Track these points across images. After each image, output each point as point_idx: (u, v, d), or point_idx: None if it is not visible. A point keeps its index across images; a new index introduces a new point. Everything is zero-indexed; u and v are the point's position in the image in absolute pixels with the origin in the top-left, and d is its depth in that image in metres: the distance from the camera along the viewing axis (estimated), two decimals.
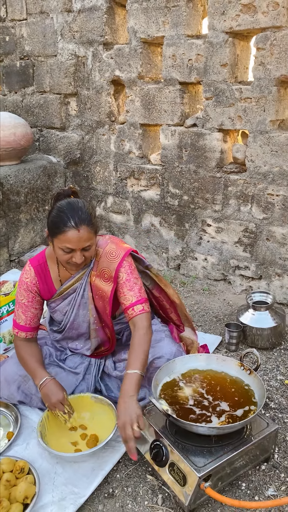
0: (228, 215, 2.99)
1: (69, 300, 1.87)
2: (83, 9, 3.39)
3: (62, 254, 1.66)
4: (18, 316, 1.86)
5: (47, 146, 3.96)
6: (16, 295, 1.87)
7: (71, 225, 1.61)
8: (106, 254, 1.81)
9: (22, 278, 1.84)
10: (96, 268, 1.82)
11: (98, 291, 1.83)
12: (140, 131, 3.32)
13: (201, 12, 2.98)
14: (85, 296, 1.85)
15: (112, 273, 1.78)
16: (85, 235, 1.63)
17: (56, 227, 1.64)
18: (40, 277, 1.84)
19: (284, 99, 2.70)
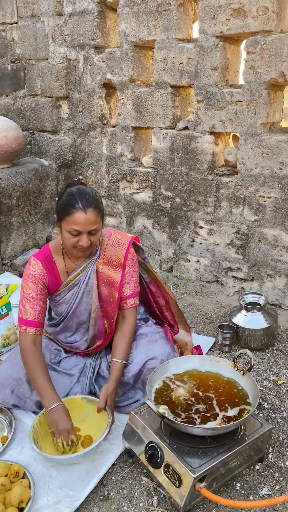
0: (220, 217, 3.01)
1: (75, 290, 1.89)
2: (74, 13, 3.40)
3: (69, 237, 1.72)
4: (25, 312, 1.81)
5: (39, 149, 3.96)
6: (22, 290, 1.85)
7: (79, 207, 1.68)
8: (112, 242, 1.90)
9: (29, 272, 1.84)
10: (103, 256, 1.89)
11: (107, 278, 1.88)
12: (132, 134, 3.33)
13: (191, 16, 3.01)
14: (90, 284, 1.89)
15: (121, 259, 1.88)
16: (92, 218, 1.70)
17: (64, 209, 1.70)
18: (48, 269, 1.87)
19: (274, 102, 2.73)
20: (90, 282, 1.89)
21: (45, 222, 3.79)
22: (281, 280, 2.81)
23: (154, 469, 1.55)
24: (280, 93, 2.79)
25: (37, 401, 1.87)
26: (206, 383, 1.74)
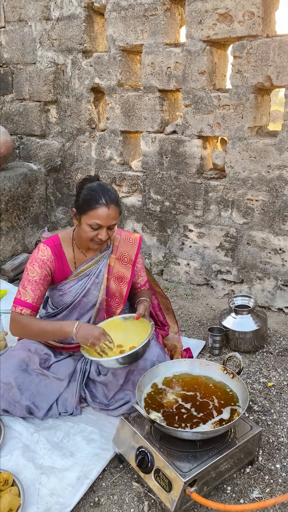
0: (209, 221, 3.03)
1: (84, 280, 1.96)
2: (61, 17, 3.40)
3: (89, 230, 1.81)
4: (24, 293, 1.85)
5: (27, 153, 3.94)
6: (26, 273, 1.88)
7: (103, 203, 1.78)
8: (124, 239, 2.04)
9: (37, 256, 1.88)
10: (116, 252, 2.01)
11: (117, 273, 1.99)
12: (120, 138, 3.34)
13: (178, 21, 3.03)
14: (100, 276, 1.96)
15: (132, 256, 2.02)
16: (113, 213, 1.80)
17: (88, 204, 1.79)
18: (57, 257, 1.92)
19: (261, 106, 2.76)
20: (101, 274, 1.97)
21: (34, 227, 3.78)
22: (270, 283, 2.83)
23: (144, 474, 1.54)
24: (267, 97, 2.81)
25: (26, 406, 1.85)
26: (196, 386, 1.74)
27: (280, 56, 2.48)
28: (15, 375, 1.86)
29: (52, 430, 1.84)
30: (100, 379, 1.94)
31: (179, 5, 2.99)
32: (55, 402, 1.92)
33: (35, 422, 1.89)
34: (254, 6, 2.50)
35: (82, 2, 3.25)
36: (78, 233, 1.92)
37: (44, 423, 1.88)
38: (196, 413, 1.61)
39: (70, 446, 1.77)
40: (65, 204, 3.87)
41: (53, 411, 1.91)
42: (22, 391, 1.85)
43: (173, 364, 1.83)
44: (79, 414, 1.94)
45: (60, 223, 3.93)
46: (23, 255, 3.54)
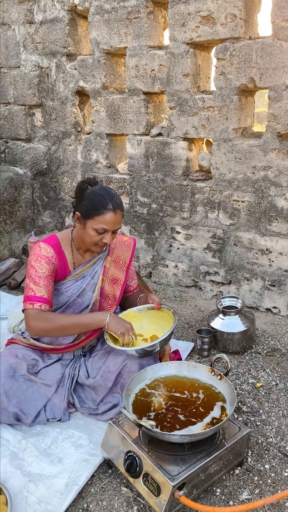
0: (196, 222, 3.03)
1: (80, 281, 1.97)
2: (45, 21, 3.39)
3: (95, 235, 1.82)
4: (38, 290, 1.83)
5: (13, 157, 3.91)
6: (33, 270, 1.85)
7: (110, 208, 1.80)
8: (120, 242, 2.07)
9: (42, 253, 1.87)
10: (112, 254, 2.04)
11: (112, 275, 2.03)
12: (106, 141, 3.33)
13: (162, 24, 3.04)
14: (95, 278, 1.99)
15: (127, 260, 2.07)
16: (119, 218, 1.84)
17: (95, 209, 1.80)
18: (58, 255, 1.92)
19: (245, 107, 2.77)
20: (97, 275, 1.99)
21: (21, 231, 3.75)
22: (258, 283, 2.84)
23: (133, 479, 1.53)
24: (251, 99, 2.83)
25: (14, 413, 1.83)
26: (184, 389, 1.74)
27: (262, 58, 2.50)
28: (2, 381, 1.84)
29: (40, 436, 1.82)
30: (89, 382, 1.93)
31: (162, 8, 3.00)
32: (43, 408, 1.90)
33: (23, 429, 1.87)
34: (236, 8, 2.52)
35: (65, 6, 3.25)
36: (78, 235, 1.92)
37: (32, 430, 1.86)
38: (184, 416, 1.60)
39: (58, 452, 1.75)
40: (52, 208, 3.85)
41: (41, 417, 1.89)
42: (9, 398, 1.83)
43: (160, 367, 1.82)
44: (68, 420, 1.92)
45: (47, 227, 3.90)
46: (10, 260, 3.51)
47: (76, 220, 1.89)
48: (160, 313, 2.02)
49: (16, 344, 2.07)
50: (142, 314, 2.04)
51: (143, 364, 1.88)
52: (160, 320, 2.00)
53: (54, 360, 2.03)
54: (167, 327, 1.94)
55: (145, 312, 2.04)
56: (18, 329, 2.66)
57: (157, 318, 2.01)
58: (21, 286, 3.30)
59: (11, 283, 3.30)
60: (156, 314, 2.03)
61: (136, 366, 1.86)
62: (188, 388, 1.74)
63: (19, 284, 3.32)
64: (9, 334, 2.66)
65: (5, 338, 2.58)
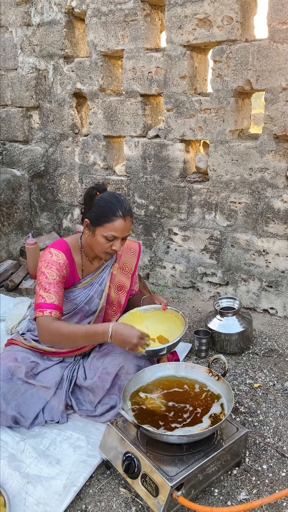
0: (194, 224, 3.04)
1: (88, 289, 1.97)
2: (42, 23, 3.40)
3: (104, 242, 1.81)
4: (48, 296, 1.78)
5: (10, 159, 3.92)
6: (43, 277, 1.81)
7: (120, 215, 1.78)
8: (127, 249, 2.07)
9: (53, 259, 1.83)
10: (119, 261, 2.04)
11: (118, 282, 2.03)
12: (104, 143, 3.34)
13: (159, 26, 3.05)
14: (103, 285, 2.00)
15: (133, 266, 2.08)
16: (128, 225, 1.83)
17: (105, 216, 1.78)
18: (70, 262, 1.90)
19: (242, 109, 2.78)
20: (104, 282, 2.00)
21: (19, 233, 3.75)
22: (255, 284, 2.85)
23: (131, 480, 1.53)
24: (247, 101, 2.84)
25: (12, 416, 1.83)
26: (181, 390, 1.74)
27: (259, 60, 2.51)
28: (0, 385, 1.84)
29: (38, 438, 1.83)
30: (86, 383, 1.93)
31: (159, 11, 3.01)
32: (41, 411, 1.91)
33: (21, 430, 1.87)
34: (232, 11, 2.53)
35: (62, 8, 3.26)
36: (87, 242, 1.91)
37: (30, 431, 1.87)
38: (182, 417, 1.61)
39: (57, 454, 1.75)
40: (49, 209, 3.85)
41: (39, 419, 1.89)
42: (7, 401, 1.83)
43: (158, 368, 1.83)
44: (66, 422, 1.92)
45: (45, 228, 3.91)
46: (7, 262, 3.51)
47: (85, 227, 1.87)
48: (167, 314, 2.04)
49: (16, 346, 2.07)
50: (148, 314, 2.05)
51: (141, 365, 1.88)
52: (166, 321, 2.01)
53: (55, 362, 2.03)
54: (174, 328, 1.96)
55: (151, 313, 2.05)
56: (16, 331, 2.66)
57: (164, 319, 2.03)
58: (18, 288, 3.31)
59: (8, 284, 3.30)
60: (163, 315, 2.04)
61: (134, 368, 1.86)
62: (186, 389, 1.74)
63: (16, 286, 3.32)
64: (7, 335, 2.66)
65: (3, 340, 2.58)
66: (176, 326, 1.99)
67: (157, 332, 1.99)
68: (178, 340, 1.86)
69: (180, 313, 2.00)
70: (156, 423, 1.58)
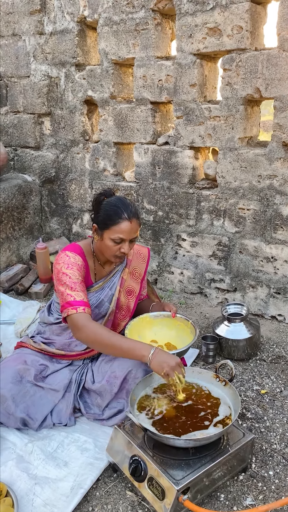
0: (202, 230, 3.06)
1: (99, 293, 2.01)
2: (54, 32, 3.46)
3: (112, 245, 1.85)
4: (77, 294, 1.77)
5: (22, 165, 3.98)
6: (67, 278, 1.81)
7: (125, 217, 1.82)
8: (137, 254, 2.11)
9: (72, 261, 1.87)
10: (129, 266, 2.08)
11: (128, 286, 2.06)
12: (114, 149, 3.38)
13: (169, 35, 3.09)
14: (113, 289, 2.03)
15: (142, 272, 2.12)
16: (135, 227, 1.86)
17: (110, 219, 1.83)
18: (85, 265, 1.94)
19: (251, 117, 2.81)
20: (114, 287, 2.03)
21: (29, 238, 3.80)
22: (263, 291, 2.86)
23: (138, 483, 1.55)
24: (256, 108, 2.87)
25: (21, 418, 1.86)
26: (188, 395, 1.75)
27: (268, 69, 2.54)
28: (9, 387, 1.86)
29: (46, 440, 1.85)
30: (95, 387, 1.95)
31: (170, 20, 3.05)
32: (50, 413, 1.93)
33: (29, 432, 1.90)
34: (242, 20, 2.56)
35: (75, 17, 3.32)
36: (98, 247, 1.95)
37: (38, 434, 1.89)
38: (189, 421, 1.62)
39: (64, 456, 1.77)
40: (59, 214, 3.90)
41: (47, 422, 1.91)
42: (16, 403, 1.86)
43: None
44: (73, 425, 1.94)
45: (55, 233, 3.95)
46: (17, 266, 3.56)
47: (94, 232, 1.91)
48: (176, 321, 2.06)
49: (26, 348, 2.10)
50: (158, 320, 2.08)
51: (149, 370, 1.89)
52: (176, 328, 2.04)
53: (64, 365, 2.05)
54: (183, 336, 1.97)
55: (160, 319, 2.08)
56: (25, 334, 2.69)
57: (173, 326, 2.05)
58: (28, 291, 3.34)
59: (18, 288, 3.34)
60: (172, 322, 2.06)
61: (142, 372, 1.87)
62: (193, 394, 1.76)
63: (26, 290, 3.36)
64: (16, 338, 2.69)
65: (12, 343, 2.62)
66: (185, 334, 2.01)
67: (166, 339, 2.00)
68: (187, 348, 1.87)
69: (190, 321, 2.01)
70: (162, 426, 1.59)
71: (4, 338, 2.70)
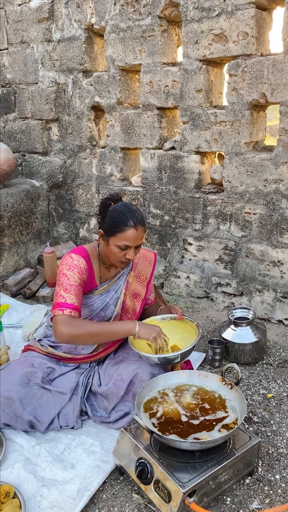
0: (208, 234, 3.07)
1: (105, 295, 2.03)
2: (62, 39, 3.51)
3: (118, 251, 1.86)
4: (69, 297, 1.81)
5: (29, 170, 4.02)
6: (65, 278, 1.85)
7: (131, 225, 1.83)
8: (143, 258, 2.13)
9: (75, 263, 1.89)
10: (135, 269, 2.09)
11: (133, 290, 2.08)
12: (120, 154, 3.41)
13: (175, 41, 3.12)
14: (118, 292, 2.04)
15: (148, 275, 2.13)
16: (140, 234, 1.87)
17: (116, 226, 1.84)
18: (89, 268, 1.96)
19: (257, 122, 2.82)
20: (120, 290, 2.04)
21: (37, 242, 3.83)
22: (269, 295, 2.86)
23: (144, 486, 1.55)
24: (262, 113, 2.88)
25: (28, 420, 1.87)
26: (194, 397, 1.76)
27: (274, 74, 2.55)
28: (17, 389, 1.88)
29: (53, 442, 1.86)
30: (101, 390, 1.96)
31: (176, 26, 3.09)
32: (57, 416, 1.94)
33: (36, 435, 1.91)
34: (248, 26, 2.58)
35: (82, 25, 3.36)
36: (104, 251, 1.97)
37: (45, 436, 1.90)
38: (195, 424, 1.63)
39: (71, 459, 1.78)
40: (66, 219, 3.93)
41: (54, 424, 1.92)
42: (24, 405, 1.87)
43: (172, 376, 1.85)
44: (80, 428, 1.95)
45: (62, 238, 3.98)
46: (25, 270, 3.59)
47: (100, 237, 1.93)
48: (183, 324, 2.07)
49: (33, 352, 2.12)
50: (165, 323, 2.09)
51: (155, 373, 1.91)
52: (182, 330, 2.05)
53: (71, 368, 2.07)
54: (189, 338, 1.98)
55: (167, 321, 2.09)
56: (33, 337, 2.71)
57: (179, 329, 2.06)
58: (35, 295, 3.37)
59: (26, 292, 3.37)
60: (178, 324, 2.08)
61: (148, 375, 1.88)
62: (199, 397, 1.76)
63: (34, 294, 3.39)
64: (24, 342, 2.72)
65: (20, 347, 2.64)
66: (191, 336, 2.02)
67: (172, 342, 2.01)
68: (191, 348, 1.88)
69: (195, 323, 2.02)
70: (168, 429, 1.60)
71: (12, 342, 2.72)
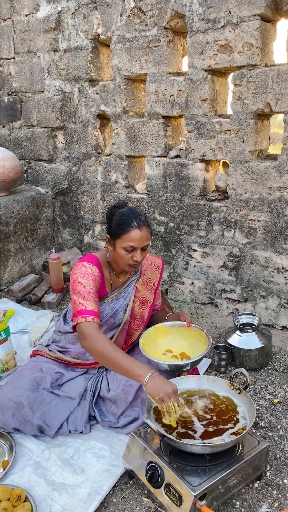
0: (213, 240, 3.10)
1: (114, 302, 2.06)
2: (69, 49, 3.57)
3: (125, 254, 1.89)
4: (88, 304, 1.81)
5: (35, 177, 4.06)
6: (81, 286, 1.85)
7: (135, 225, 1.87)
8: (151, 264, 2.17)
9: (88, 271, 1.91)
10: (143, 276, 2.13)
11: (142, 296, 2.11)
12: (126, 162, 3.45)
13: (181, 51, 3.18)
14: (127, 299, 2.07)
15: (156, 282, 2.17)
16: (145, 235, 1.90)
17: (120, 228, 1.89)
18: (101, 275, 1.98)
19: (261, 130, 2.87)
20: (129, 297, 2.08)
21: (42, 248, 3.86)
22: (274, 301, 2.88)
23: (155, 489, 1.57)
24: (266, 122, 2.93)
25: (38, 425, 1.89)
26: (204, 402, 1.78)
27: (278, 84, 2.60)
28: (26, 394, 1.90)
29: (62, 447, 1.88)
30: (110, 395, 1.98)
31: (181, 37, 3.14)
32: (66, 421, 1.96)
33: (46, 439, 1.93)
34: (252, 38, 2.64)
35: (88, 35, 3.42)
36: (113, 257, 2.00)
37: (55, 440, 1.92)
38: (205, 428, 1.64)
39: (81, 463, 1.80)
40: (71, 226, 3.96)
41: (63, 429, 1.94)
42: (33, 410, 1.89)
43: (180, 381, 1.87)
44: (89, 432, 1.97)
45: (67, 244, 4.01)
46: (30, 276, 3.61)
47: (107, 242, 1.97)
48: (191, 331, 2.09)
49: (41, 357, 2.14)
50: (173, 330, 2.11)
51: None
52: (190, 338, 2.07)
53: (79, 373, 2.09)
54: (197, 346, 2.00)
55: (176, 329, 2.11)
56: (39, 343, 2.73)
57: (188, 336, 2.08)
58: (41, 301, 3.39)
59: (31, 298, 3.39)
60: (187, 332, 2.10)
61: None
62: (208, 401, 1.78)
63: (39, 300, 3.41)
64: (30, 347, 2.74)
65: (26, 352, 2.66)
66: (200, 343, 2.04)
67: (180, 349, 2.03)
68: (201, 357, 1.90)
69: (204, 331, 2.04)
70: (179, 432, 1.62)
71: (18, 347, 2.75)
